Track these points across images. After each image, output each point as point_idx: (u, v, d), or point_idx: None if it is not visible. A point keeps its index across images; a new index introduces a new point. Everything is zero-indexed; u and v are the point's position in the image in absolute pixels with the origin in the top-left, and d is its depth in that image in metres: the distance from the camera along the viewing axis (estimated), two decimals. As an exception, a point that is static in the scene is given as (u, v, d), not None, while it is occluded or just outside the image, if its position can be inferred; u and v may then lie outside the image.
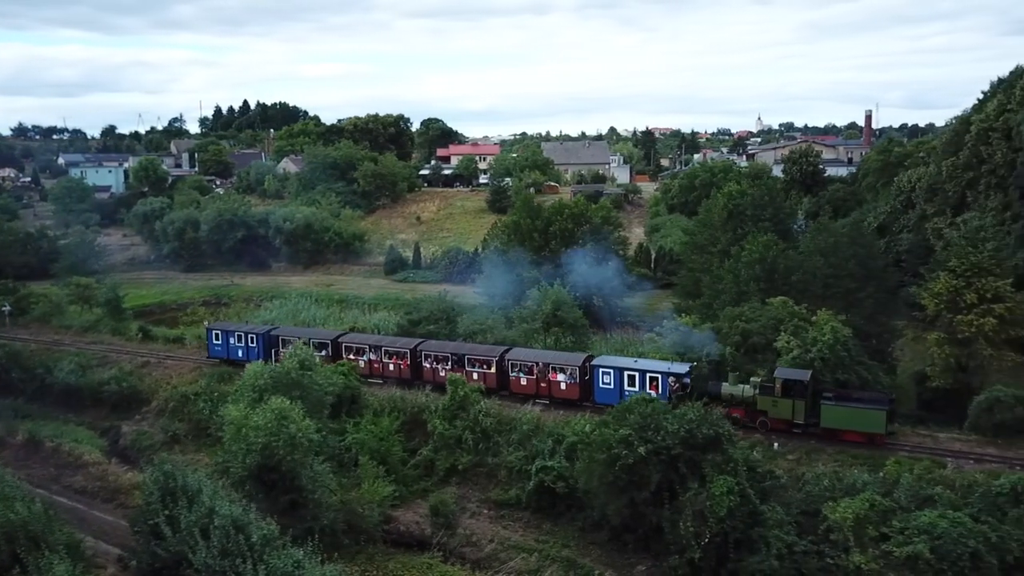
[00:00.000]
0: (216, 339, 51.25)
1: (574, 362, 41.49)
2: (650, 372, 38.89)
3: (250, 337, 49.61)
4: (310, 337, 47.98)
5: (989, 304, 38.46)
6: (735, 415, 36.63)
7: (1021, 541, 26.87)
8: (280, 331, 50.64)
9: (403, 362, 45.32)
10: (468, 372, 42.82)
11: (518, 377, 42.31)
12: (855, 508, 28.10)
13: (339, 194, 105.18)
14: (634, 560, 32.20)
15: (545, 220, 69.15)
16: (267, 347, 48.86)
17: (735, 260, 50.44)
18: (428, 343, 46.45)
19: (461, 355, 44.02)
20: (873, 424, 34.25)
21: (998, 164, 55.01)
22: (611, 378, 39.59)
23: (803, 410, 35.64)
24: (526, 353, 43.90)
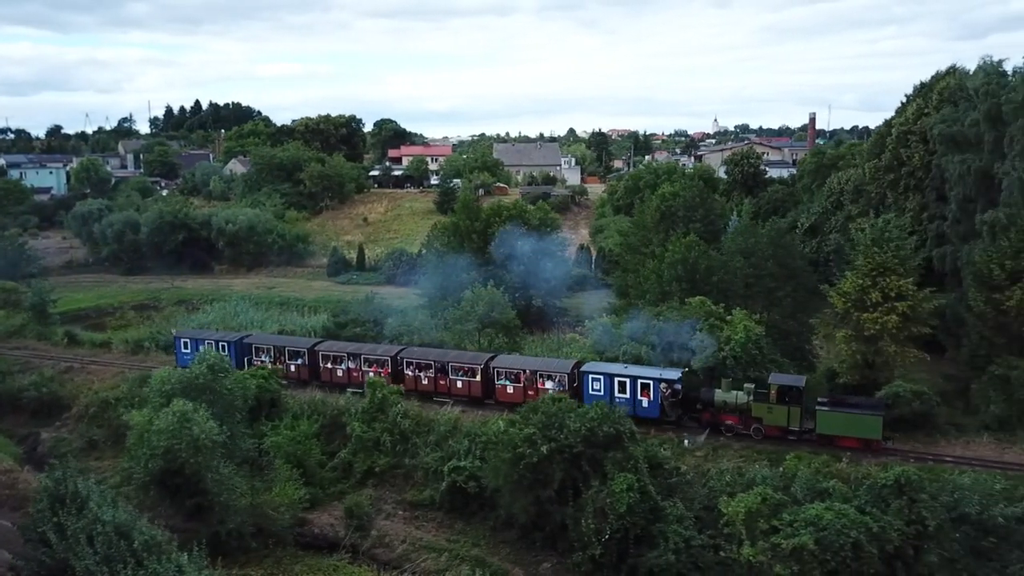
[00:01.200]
0: (184, 347, 49.06)
1: (563, 369, 40.39)
2: (641, 378, 38.07)
3: (221, 345, 47.70)
4: (285, 345, 46.90)
5: (893, 302, 39.69)
6: (729, 422, 36.49)
7: (901, 531, 27.80)
8: (253, 339, 49.01)
9: (384, 371, 43.55)
10: (452, 380, 41.78)
11: (504, 385, 40.90)
12: (747, 503, 28.83)
13: (284, 195, 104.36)
14: (541, 557, 32.64)
15: (484, 221, 69.44)
16: (240, 355, 47.17)
17: (659, 260, 51.29)
18: (410, 350, 44.93)
19: (444, 363, 42.59)
20: (870, 430, 33.71)
21: (916, 166, 56.62)
22: (601, 385, 38.68)
23: (799, 416, 35.24)
24: (512, 360, 42.59)
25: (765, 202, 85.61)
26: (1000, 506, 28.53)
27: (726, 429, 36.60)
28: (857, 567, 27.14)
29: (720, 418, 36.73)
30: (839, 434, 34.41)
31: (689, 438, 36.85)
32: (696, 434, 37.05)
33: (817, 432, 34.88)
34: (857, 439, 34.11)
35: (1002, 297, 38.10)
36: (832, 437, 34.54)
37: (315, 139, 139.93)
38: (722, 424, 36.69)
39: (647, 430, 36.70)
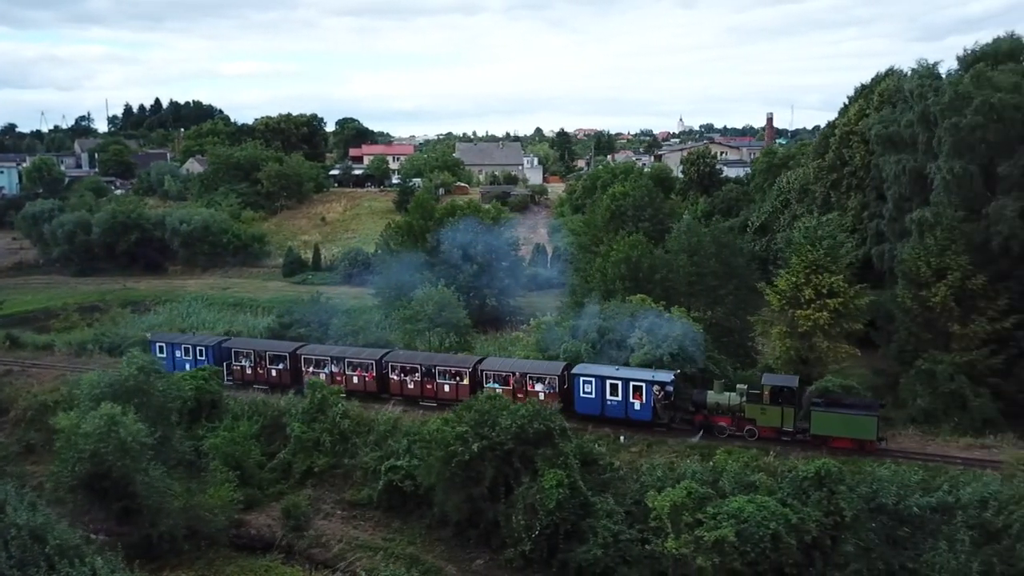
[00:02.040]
0: (160, 352, 47.31)
1: (553, 371, 39.48)
2: (633, 381, 37.31)
3: (199, 350, 46.63)
4: (266, 349, 45.65)
5: (825, 299, 40.61)
6: (721, 424, 36.00)
7: (819, 522, 28.56)
8: (233, 343, 47.56)
9: (368, 374, 42.52)
10: (439, 384, 40.87)
11: (493, 389, 39.51)
12: (672, 497, 29.32)
13: (241, 195, 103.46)
14: (474, 554, 32.89)
15: (437, 221, 69.50)
16: (218, 360, 46.04)
17: (604, 259, 51.86)
18: (395, 354, 43.86)
19: (431, 366, 41.50)
20: (864, 430, 33.25)
21: (857, 166, 57.86)
22: (592, 387, 37.81)
23: (792, 417, 34.77)
24: (501, 363, 41.68)
25: (720, 201, 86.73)
26: (916, 496, 29.37)
27: (719, 431, 35.86)
28: (776, 557, 27.80)
29: (713, 420, 36.12)
30: (833, 434, 33.79)
31: (626, 435, 37.35)
32: (689, 436, 36.32)
33: (811, 433, 34.25)
34: (851, 439, 33.55)
35: (928, 294, 39.18)
36: (826, 438, 33.94)
37: (276, 138, 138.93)
38: (715, 426, 36.01)
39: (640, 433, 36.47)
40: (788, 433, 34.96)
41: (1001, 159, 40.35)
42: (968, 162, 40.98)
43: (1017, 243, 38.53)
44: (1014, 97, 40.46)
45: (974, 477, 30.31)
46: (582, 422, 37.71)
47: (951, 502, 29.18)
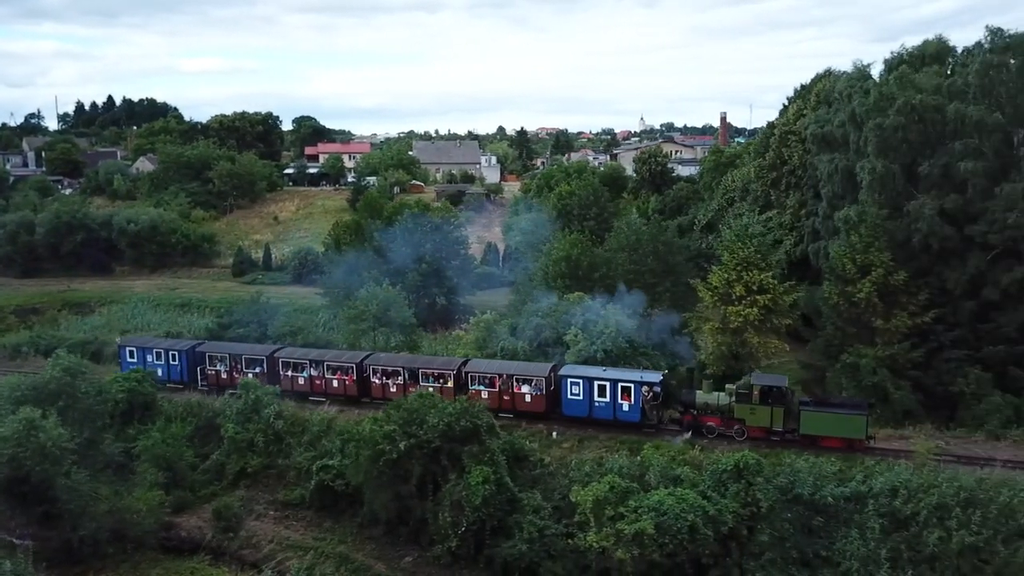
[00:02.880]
0: (130, 356, 46.14)
1: (540, 373, 38.83)
2: (622, 381, 36.86)
3: (171, 354, 45.30)
4: (242, 353, 44.47)
5: (755, 295, 41.52)
6: (710, 424, 35.73)
7: (736, 513, 29.26)
8: (207, 347, 46.08)
9: (348, 378, 41.47)
10: (423, 387, 39.39)
11: (479, 391, 38.88)
12: (595, 491, 29.79)
13: (192, 195, 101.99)
14: (403, 552, 33.07)
15: (386, 220, 69.42)
16: (192, 364, 44.94)
17: (546, 257, 52.36)
18: (376, 356, 42.76)
19: (414, 369, 40.56)
20: (853, 430, 33.21)
21: (795, 165, 59.11)
22: (580, 388, 37.30)
23: (782, 417, 34.57)
24: (487, 364, 40.73)
25: (670, 200, 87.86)
26: (830, 487, 30.23)
27: (708, 431, 35.62)
28: (693, 548, 28.42)
29: (701, 420, 35.89)
30: (823, 434, 33.74)
31: (559, 430, 37.78)
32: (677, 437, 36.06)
33: (800, 432, 34.19)
34: (840, 439, 33.52)
35: (853, 290, 40.27)
36: (815, 437, 33.90)
37: (230, 137, 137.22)
38: (703, 426, 35.75)
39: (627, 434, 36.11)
40: (777, 433, 34.80)
41: (922, 159, 41.63)
42: (891, 161, 42.17)
43: (936, 240, 39.79)
44: (935, 99, 41.78)
45: (887, 467, 31.27)
46: (570, 425, 37.46)
47: (864, 491, 30.07)
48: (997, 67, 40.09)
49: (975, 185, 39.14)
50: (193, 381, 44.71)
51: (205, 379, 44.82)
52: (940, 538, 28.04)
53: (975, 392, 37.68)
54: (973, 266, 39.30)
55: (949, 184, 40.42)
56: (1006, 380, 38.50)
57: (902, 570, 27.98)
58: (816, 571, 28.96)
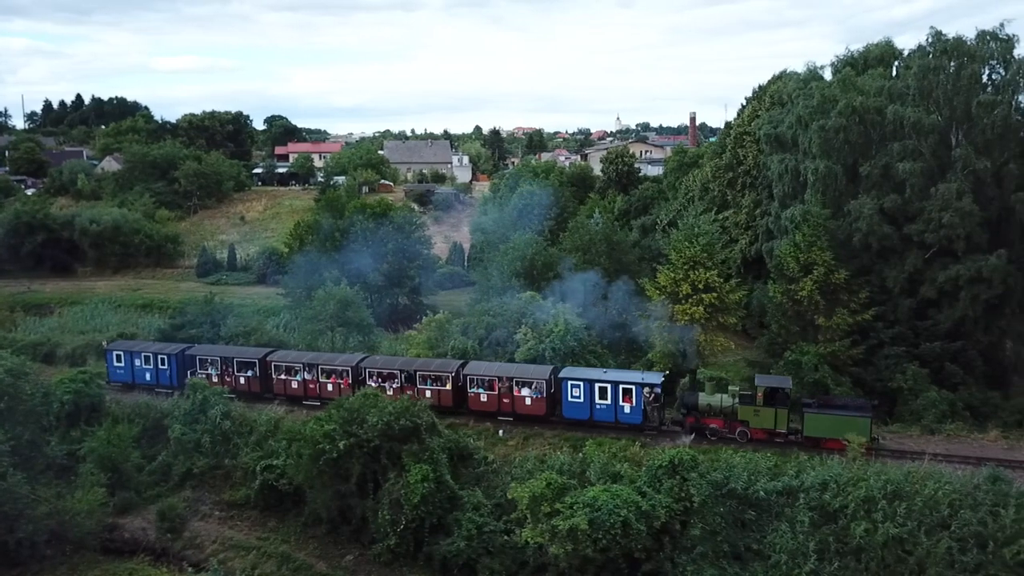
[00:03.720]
0: (118, 361, 45.32)
1: (540, 375, 38.25)
2: (623, 383, 36.52)
3: (160, 358, 44.28)
4: (233, 356, 43.61)
5: (701, 294, 42.16)
6: (713, 425, 35.44)
7: (670, 508, 29.74)
8: (197, 350, 45.06)
9: (343, 381, 40.74)
10: (420, 390, 39.16)
11: (478, 394, 38.61)
12: (532, 488, 30.15)
13: (157, 194, 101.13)
14: (345, 551, 33.28)
15: (347, 220, 69.28)
16: (182, 368, 44.00)
17: (501, 257, 52.71)
18: (371, 359, 42.19)
19: (411, 371, 39.94)
20: (858, 431, 32.83)
21: (750, 166, 59.89)
22: (581, 391, 36.91)
23: (786, 419, 34.37)
24: (487, 367, 40.02)
25: (636, 199, 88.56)
26: (763, 481, 30.80)
27: (710, 433, 35.37)
28: (626, 543, 28.84)
29: (704, 422, 35.62)
30: (827, 436, 33.46)
31: (506, 429, 38.12)
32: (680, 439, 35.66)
33: (804, 434, 33.99)
34: (845, 441, 32.97)
35: (796, 288, 41.01)
36: (819, 439, 33.69)
37: (200, 136, 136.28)
38: (706, 428, 35.49)
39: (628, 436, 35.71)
40: (781, 435, 34.54)
41: (863, 159, 42.47)
42: (834, 162, 42.97)
43: (875, 239, 40.61)
44: (875, 100, 42.64)
45: (820, 462, 31.92)
46: (572, 428, 37.16)
47: (795, 486, 30.64)
48: (935, 70, 40.97)
49: (912, 185, 40.00)
50: (183, 385, 43.04)
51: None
52: (866, 530, 28.67)
53: (912, 388, 38.48)
54: (911, 264, 40.18)
55: (889, 184, 41.28)
56: (942, 376, 39.42)
57: (829, 562, 28.59)
58: (747, 564, 29.51)
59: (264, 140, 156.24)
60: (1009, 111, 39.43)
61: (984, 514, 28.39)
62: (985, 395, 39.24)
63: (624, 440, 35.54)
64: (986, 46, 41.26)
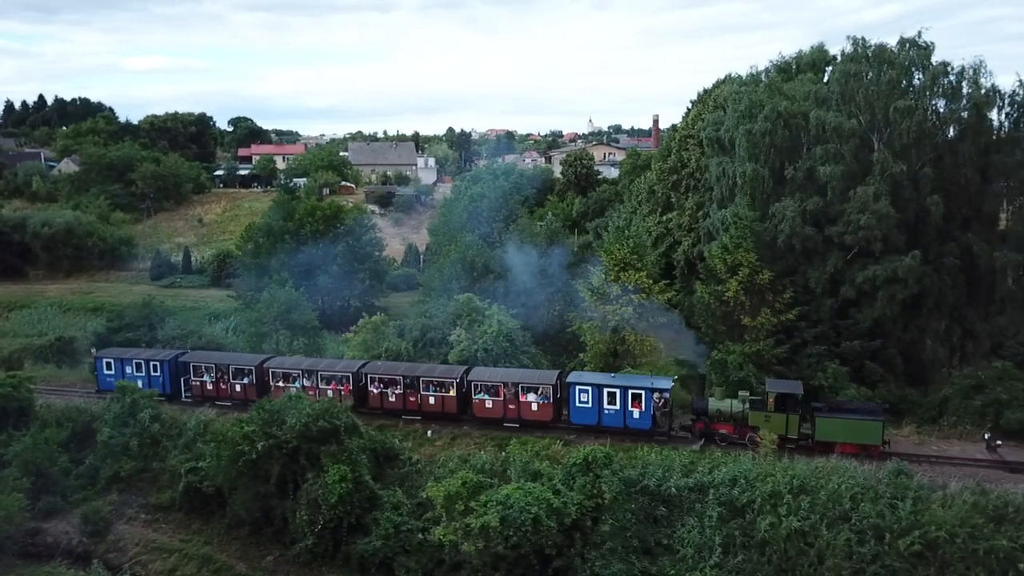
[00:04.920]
0: (107, 368, 44.18)
1: (547, 380, 37.90)
2: (632, 388, 36.05)
3: (153, 365, 43.29)
4: (229, 363, 42.61)
5: (631, 295, 42.83)
6: (723, 431, 35.20)
7: (580, 505, 30.28)
8: (191, 357, 44.01)
9: (344, 387, 39.90)
10: (423, 396, 38.81)
11: (483, 400, 38.05)
12: (447, 487, 30.57)
13: (114, 196, 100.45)
14: (266, 552, 33.46)
15: (298, 222, 69.37)
16: (175, 376, 43.12)
17: (443, 259, 53.17)
18: (374, 365, 41.15)
19: (415, 377, 39.22)
20: (869, 435, 32.98)
21: (694, 168, 60.78)
22: (589, 396, 36.39)
23: (797, 424, 34.19)
24: (491, 372, 39.47)
25: (593, 202, 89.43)
26: (675, 478, 31.49)
27: (720, 439, 35.08)
28: (536, 540, 29.29)
29: (714, 427, 35.38)
30: (839, 440, 33.32)
31: (434, 430, 38.51)
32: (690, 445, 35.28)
33: (816, 439, 33.80)
34: (856, 444, 33.18)
35: (723, 288, 41.85)
36: (830, 444, 33.45)
37: (162, 138, 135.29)
38: (716, 434, 35.24)
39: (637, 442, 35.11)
40: (792, 440, 34.27)
41: (789, 163, 43.42)
42: (761, 165, 43.90)
43: (798, 240, 41.58)
44: (802, 105, 43.63)
45: (732, 459, 32.68)
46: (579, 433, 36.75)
47: (707, 482, 31.36)
48: (855, 76, 42.06)
49: (834, 188, 41.02)
50: (177, 393, 42.97)
51: (189, 391, 43.23)
52: (771, 524, 29.42)
53: (833, 385, 39.37)
54: (832, 265, 41.20)
55: (813, 187, 42.28)
56: (862, 373, 40.44)
57: (733, 555, 29.30)
58: (657, 558, 30.11)
59: (229, 142, 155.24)
60: (925, 116, 40.62)
61: (883, 507, 29.25)
62: (904, 392, 40.31)
63: (548, 439, 36.12)
64: (905, 53, 42.46)
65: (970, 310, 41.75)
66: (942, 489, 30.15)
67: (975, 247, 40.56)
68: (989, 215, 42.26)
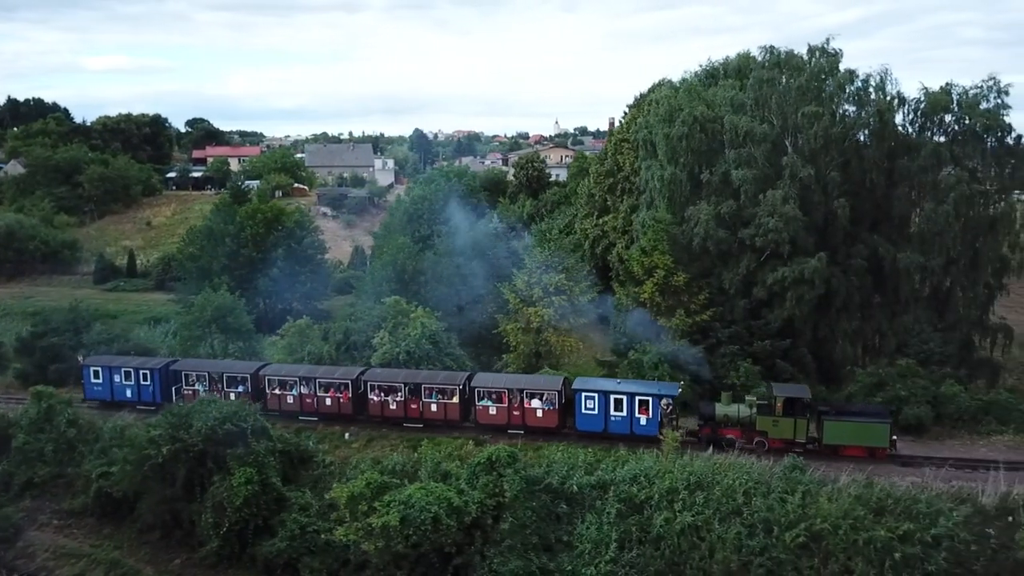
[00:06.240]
0: (95, 377, 43.19)
1: (553, 386, 37.55)
2: (639, 395, 35.93)
3: (142, 373, 42.30)
4: (223, 371, 41.93)
5: (551, 296, 43.62)
6: (730, 436, 35.08)
7: (481, 503, 30.89)
8: (183, 364, 43.33)
9: (343, 395, 39.45)
10: (425, 404, 38.36)
11: (486, 406, 37.70)
12: (351, 488, 31.00)
13: (60, 199, 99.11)
14: (174, 555, 33.62)
15: (238, 225, 69.12)
16: (165, 384, 42.12)
17: (376, 261, 53.50)
18: (373, 372, 40.48)
19: (416, 384, 38.73)
20: (877, 438, 33.02)
21: (629, 172, 61.80)
22: (595, 403, 36.25)
23: (805, 428, 34.25)
24: (495, 378, 39.37)
25: (543, 204, 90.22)
26: (578, 476, 32.23)
27: (727, 444, 34.87)
28: (436, 538, 29.83)
29: (721, 432, 35.26)
30: (846, 443, 33.56)
31: (352, 432, 38.89)
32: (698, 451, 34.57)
33: (824, 443, 33.91)
34: (864, 447, 33.39)
35: (640, 290, 42.78)
36: (838, 447, 33.73)
37: (115, 139, 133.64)
38: (723, 439, 35.09)
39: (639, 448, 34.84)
40: (800, 444, 34.42)
41: (707, 167, 44.48)
42: (680, 169, 44.92)
43: (712, 243, 42.61)
44: (719, 110, 44.69)
45: (635, 457, 33.51)
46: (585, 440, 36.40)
47: (608, 479, 32.15)
48: (768, 82, 43.23)
49: (746, 192, 42.14)
50: (168, 402, 40.93)
51: (182, 400, 41.06)
52: (666, 519, 30.24)
53: (745, 384, 40.41)
54: (745, 267, 42.29)
55: (727, 190, 43.36)
56: (774, 372, 41.57)
57: (629, 550, 30.09)
58: (556, 555, 30.79)
59: (186, 143, 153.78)
60: (832, 122, 41.88)
61: (773, 501, 30.24)
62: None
63: (460, 439, 36.70)
64: (815, 60, 43.74)
65: (877, 310, 43.11)
66: (832, 483, 31.27)
67: (881, 249, 41.89)
68: (898, 218, 43.62)
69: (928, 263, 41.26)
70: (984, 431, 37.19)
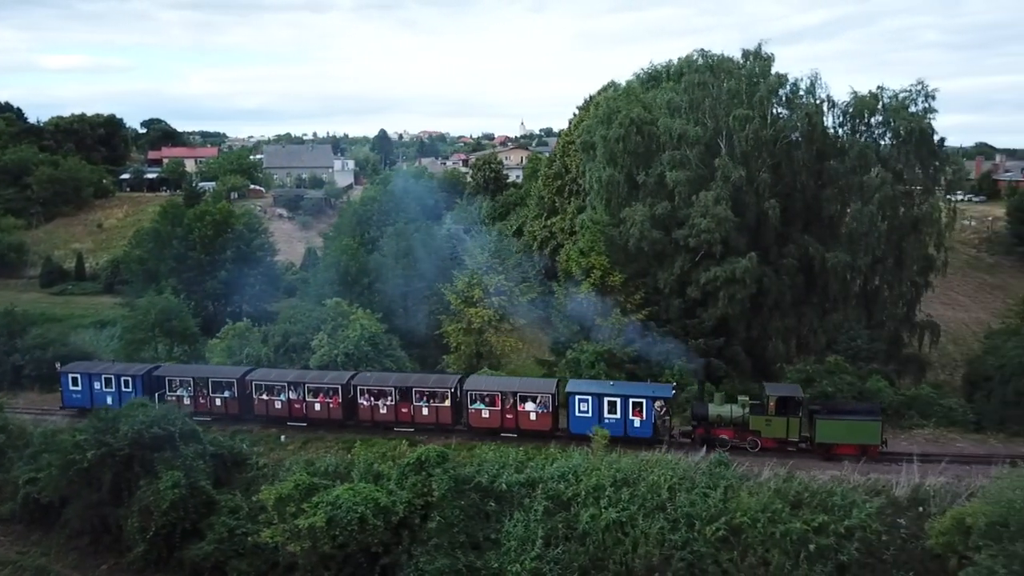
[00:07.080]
0: (74, 384, 41.80)
1: (546, 389, 37.23)
2: (633, 397, 35.88)
3: (124, 380, 40.96)
4: (208, 376, 40.82)
5: (491, 297, 44.01)
6: (723, 436, 35.06)
7: (408, 503, 31.15)
8: (166, 370, 41.95)
9: (332, 400, 38.72)
10: (416, 408, 37.87)
11: (479, 410, 37.33)
12: (278, 490, 31.06)
13: (8, 201, 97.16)
14: (102, 560, 33.39)
15: (186, 227, 68.42)
16: (148, 391, 40.40)
17: (319, 263, 53.42)
18: (363, 376, 39.76)
19: (407, 388, 38.21)
20: (868, 436, 33.13)
21: (576, 174, 62.52)
22: (588, 405, 36.06)
23: (798, 427, 34.32)
24: (487, 381, 39.02)
25: (500, 204, 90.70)
26: (507, 474, 32.61)
27: (720, 444, 34.81)
28: (363, 538, 30.01)
29: (714, 433, 35.28)
30: (838, 441, 33.60)
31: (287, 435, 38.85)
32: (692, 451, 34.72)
33: (816, 441, 33.97)
34: (855, 445, 33.41)
35: (578, 290, 43.35)
36: (830, 445, 33.76)
37: (68, 140, 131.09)
38: (716, 439, 35.05)
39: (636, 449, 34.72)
40: (792, 443, 34.58)
41: (643, 168, 45.22)
42: (617, 170, 45.61)
43: (647, 244, 43.35)
44: (656, 113, 45.46)
45: (565, 455, 34.00)
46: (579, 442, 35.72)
47: (537, 477, 32.58)
48: (701, 85, 44.09)
49: (680, 193, 42.95)
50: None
51: None
52: (592, 516, 30.74)
53: (679, 382, 41.23)
54: (679, 267, 43.09)
55: (662, 192, 44.14)
56: (709, 369, 42.37)
57: (554, 546, 30.54)
58: (484, 553, 31.13)
59: (142, 144, 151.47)
60: (763, 124, 42.84)
61: (696, 496, 30.92)
62: (747, 386, 42.35)
63: (394, 440, 36.88)
64: (748, 64, 44.70)
65: (809, 308, 44.17)
66: (755, 477, 32.06)
67: (811, 249, 42.95)
68: (827, 218, 44.74)
69: (856, 262, 42.41)
70: (906, 425, 38.34)
